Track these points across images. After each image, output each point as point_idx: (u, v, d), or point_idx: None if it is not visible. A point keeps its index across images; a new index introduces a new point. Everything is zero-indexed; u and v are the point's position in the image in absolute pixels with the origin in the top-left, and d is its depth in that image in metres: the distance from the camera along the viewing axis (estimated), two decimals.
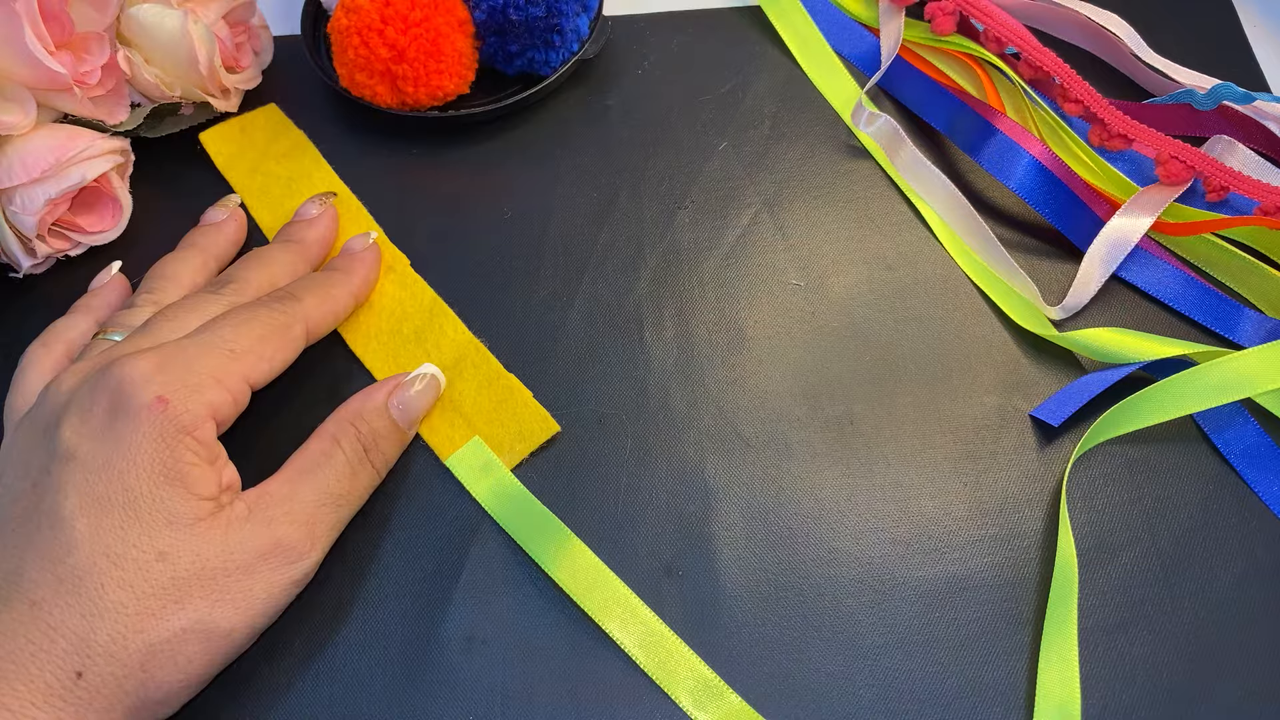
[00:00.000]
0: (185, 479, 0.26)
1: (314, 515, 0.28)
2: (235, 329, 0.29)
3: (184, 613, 0.25)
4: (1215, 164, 0.37)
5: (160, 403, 0.26)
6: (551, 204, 0.38)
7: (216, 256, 0.34)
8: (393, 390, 0.31)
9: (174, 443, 0.26)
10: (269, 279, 0.32)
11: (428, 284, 0.36)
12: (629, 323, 0.35)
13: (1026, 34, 0.40)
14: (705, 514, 0.32)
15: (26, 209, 0.33)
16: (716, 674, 0.29)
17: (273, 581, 0.27)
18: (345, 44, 0.36)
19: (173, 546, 0.25)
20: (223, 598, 0.26)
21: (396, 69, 0.36)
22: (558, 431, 0.33)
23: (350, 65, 0.37)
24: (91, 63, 0.33)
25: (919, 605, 0.30)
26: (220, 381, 0.28)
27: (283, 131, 0.39)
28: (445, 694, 0.29)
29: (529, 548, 0.31)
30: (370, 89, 0.37)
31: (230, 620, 0.26)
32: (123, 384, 0.26)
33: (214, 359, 0.28)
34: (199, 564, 0.25)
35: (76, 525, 0.25)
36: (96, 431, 0.26)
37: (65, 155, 0.33)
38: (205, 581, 0.25)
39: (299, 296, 0.31)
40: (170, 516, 0.25)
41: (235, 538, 0.26)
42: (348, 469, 0.29)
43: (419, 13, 0.36)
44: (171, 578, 0.25)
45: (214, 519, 0.26)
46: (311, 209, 0.35)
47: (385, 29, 0.35)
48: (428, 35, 0.36)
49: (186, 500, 0.26)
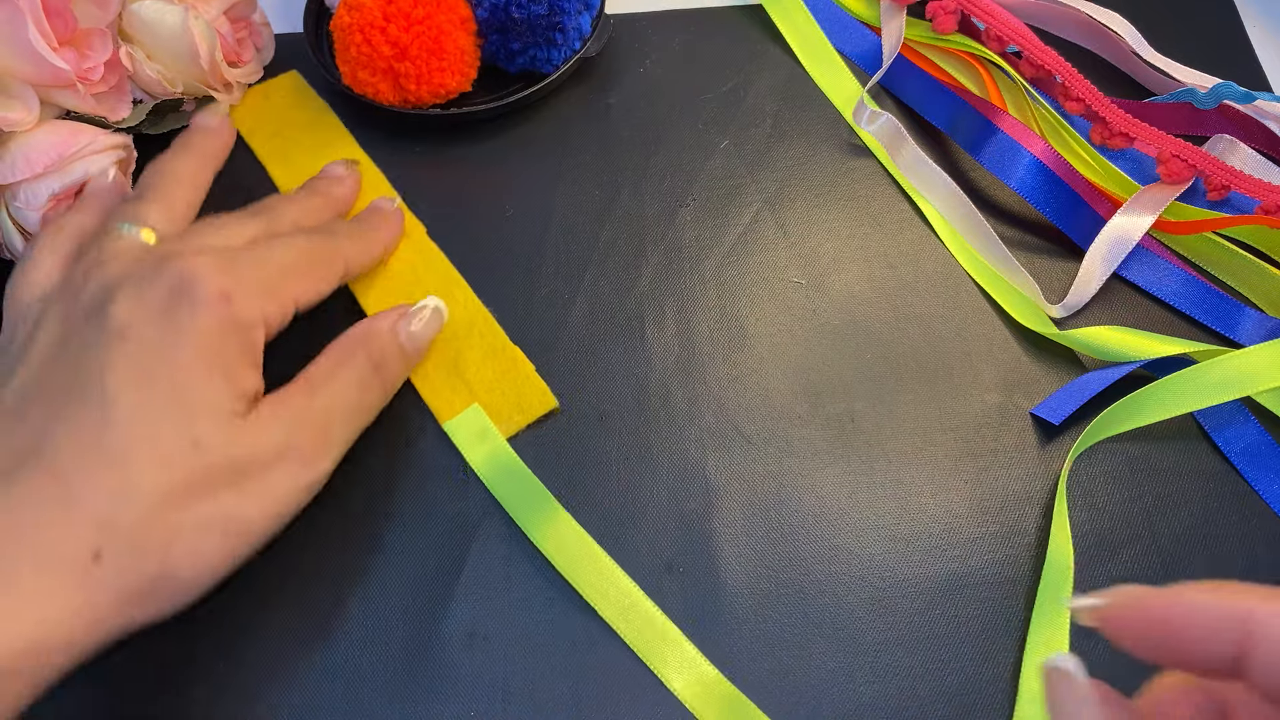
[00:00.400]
0: (232, 374, 0.26)
1: (327, 423, 0.28)
2: (286, 249, 0.30)
3: (210, 503, 0.25)
4: (1216, 163, 0.37)
5: (224, 297, 0.27)
6: (553, 202, 0.38)
7: (213, 156, 0.34)
8: (399, 318, 0.31)
9: (230, 337, 0.27)
10: (300, 215, 0.33)
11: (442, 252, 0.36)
12: (630, 320, 0.36)
13: (1028, 32, 0.40)
14: (706, 511, 0.32)
15: (30, 204, 0.33)
16: (701, 652, 0.29)
17: (290, 483, 0.27)
18: (348, 41, 0.36)
19: (207, 436, 0.25)
20: (247, 492, 0.26)
21: (399, 66, 0.36)
22: (555, 407, 0.33)
23: (353, 63, 0.37)
24: (94, 59, 0.33)
25: (919, 602, 0.30)
26: (275, 294, 0.28)
27: (305, 99, 0.40)
28: (447, 690, 0.29)
29: (517, 516, 0.31)
30: (373, 86, 0.37)
31: (250, 515, 0.26)
32: (186, 275, 0.27)
33: (270, 271, 0.29)
34: (228, 457, 0.26)
35: (120, 401, 0.25)
36: (154, 314, 0.26)
37: (68, 151, 0.33)
38: (232, 475, 0.26)
39: (338, 234, 0.32)
40: (211, 407, 0.26)
41: (262, 436, 0.26)
42: (358, 383, 0.29)
43: (421, 10, 0.36)
44: (203, 466, 0.25)
45: (246, 416, 0.26)
46: (338, 169, 0.36)
47: (388, 26, 0.36)
48: (430, 33, 0.36)
49: (228, 394, 0.26)
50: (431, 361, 0.34)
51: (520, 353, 0.34)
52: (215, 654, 0.29)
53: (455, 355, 0.34)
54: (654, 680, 0.29)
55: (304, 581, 0.31)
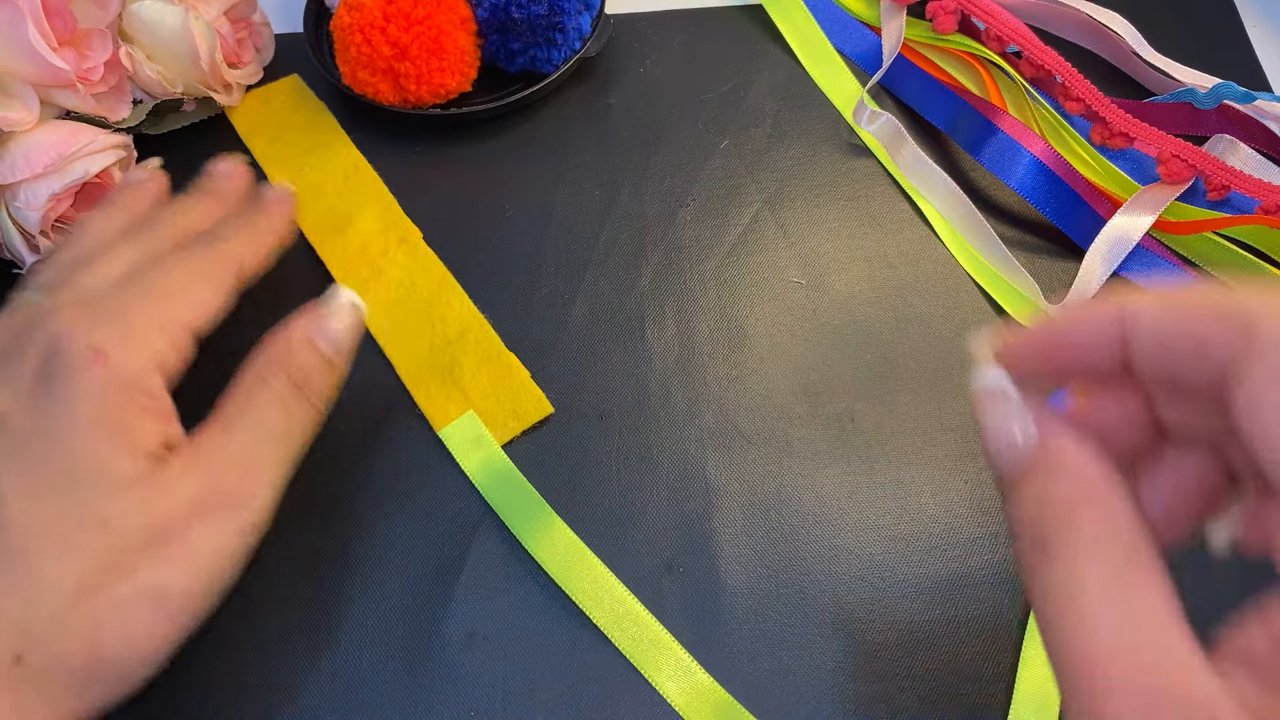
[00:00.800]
0: (129, 436, 0.24)
1: (251, 458, 0.25)
2: (166, 274, 0.27)
3: (131, 581, 0.23)
4: (1216, 163, 0.37)
5: (98, 356, 0.24)
6: (553, 202, 0.38)
7: (138, 212, 0.31)
8: (314, 322, 0.28)
9: (118, 396, 0.24)
10: (186, 224, 0.30)
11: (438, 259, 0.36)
12: (630, 320, 0.36)
13: (1028, 32, 0.40)
14: (706, 511, 0.32)
15: (30, 204, 0.33)
16: (693, 657, 0.29)
17: (218, 534, 0.24)
18: (348, 41, 0.36)
19: (115, 512, 0.23)
20: (170, 559, 0.23)
21: (399, 66, 0.36)
22: (551, 413, 0.33)
23: (353, 63, 0.37)
24: (94, 59, 0.33)
25: (919, 602, 0.30)
26: (161, 328, 0.25)
27: (303, 102, 0.40)
28: (447, 690, 0.29)
29: (511, 524, 0.31)
30: (373, 86, 0.37)
31: (180, 582, 0.24)
32: (53, 341, 0.24)
33: (148, 305, 0.26)
34: (142, 527, 0.23)
35: (8, 504, 0.23)
36: (30, 396, 0.24)
37: (68, 151, 0.33)
38: (149, 545, 0.23)
39: (224, 237, 0.29)
40: (113, 480, 0.24)
41: (176, 494, 0.24)
42: (280, 407, 0.26)
43: (421, 10, 0.36)
44: (117, 546, 0.23)
45: (154, 477, 0.24)
46: (225, 165, 0.33)
47: (388, 26, 0.36)
48: (430, 33, 0.36)
49: (127, 460, 0.24)
50: (426, 368, 0.34)
51: (515, 359, 0.34)
52: (215, 654, 0.29)
53: (450, 362, 0.34)
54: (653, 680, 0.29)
55: (304, 582, 0.31)
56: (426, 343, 0.34)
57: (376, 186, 0.38)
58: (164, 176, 0.33)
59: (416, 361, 0.34)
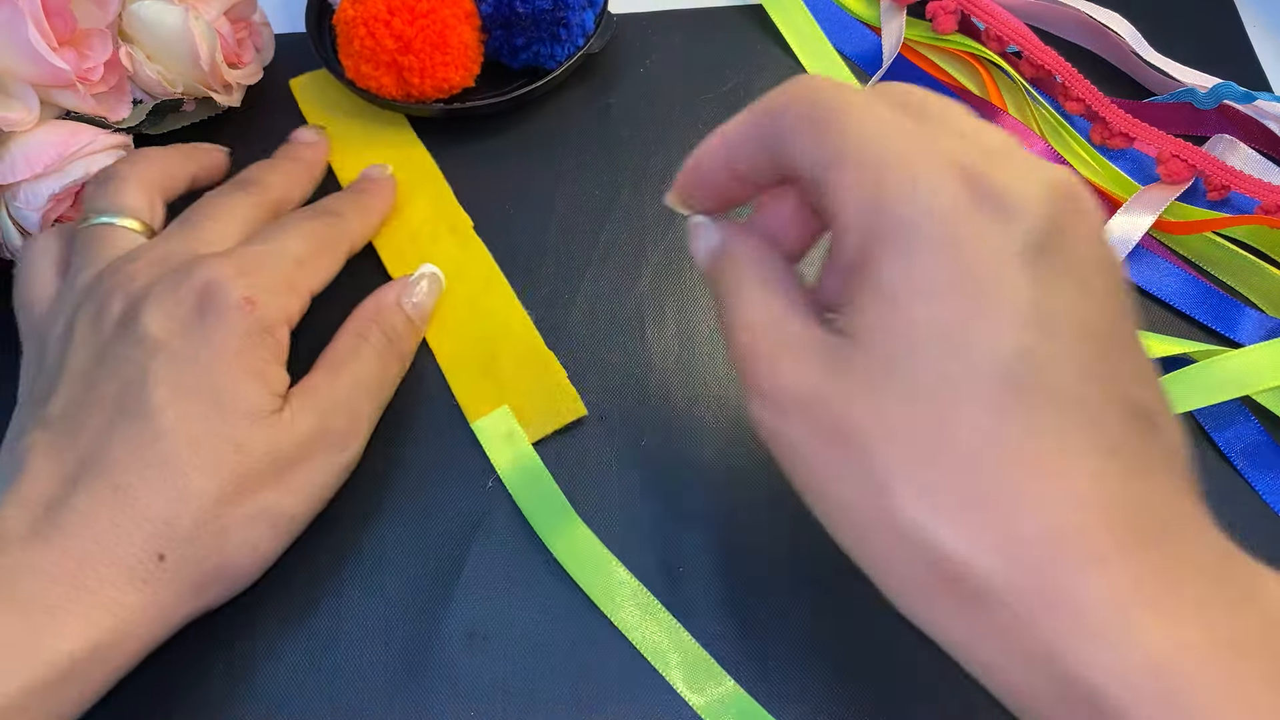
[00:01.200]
0: (263, 375, 0.28)
1: (354, 403, 0.29)
2: (296, 239, 0.31)
3: (256, 500, 0.27)
4: (1216, 163, 0.37)
5: (249, 303, 0.28)
6: (553, 201, 0.38)
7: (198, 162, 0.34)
8: (402, 291, 0.33)
9: (259, 341, 0.28)
10: (284, 183, 0.34)
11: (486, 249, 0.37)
12: (631, 320, 0.36)
13: (1028, 32, 0.40)
14: (706, 511, 0.32)
15: (30, 204, 0.33)
16: (712, 658, 0.29)
17: (327, 468, 0.29)
18: (351, 35, 0.36)
19: (248, 439, 0.27)
20: (289, 486, 0.28)
21: (403, 60, 0.36)
22: (584, 415, 0.33)
23: (356, 56, 0.37)
24: (94, 59, 0.33)
25: None
26: (293, 288, 0.29)
27: None
28: (447, 690, 0.29)
29: (534, 521, 0.31)
30: (376, 80, 0.37)
31: (294, 506, 0.28)
32: (211, 284, 0.28)
33: (286, 266, 0.30)
34: (270, 456, 0.27)
35: (166, 414, 0.26)
36: (185, 326, 0.27)
37: (68, 151, 0.33)
38: (274, 472, 0.27)
39: (342, 213, 0.33)
40: (248, 411, 0.27)
41: (297, 431, 0.28)
42: (377, 359, 0.31)
43: (426, 4, 0.36)
44: (247, 468, 0.27)
45: (280, 414, 0.28)
46: (308, 134, 0.37)
47: (392, 20, 0.36)
48: (434, 27, 0.36)
49: (263, 396, 0.27)
50: (466, 359, 0.34)
51: (554, 357, 0.34)
52: (214, 654, 0.29)
53: (490, 356, 0.34)
54: (654, 680, 0.29)
55: (304, 581, 0.31)
56: (470, 334, 0.35)
57: (433, 174, 0.38)
58: (225, 155, 0.36)
59: (458, 352, 0.34)
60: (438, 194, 0.38)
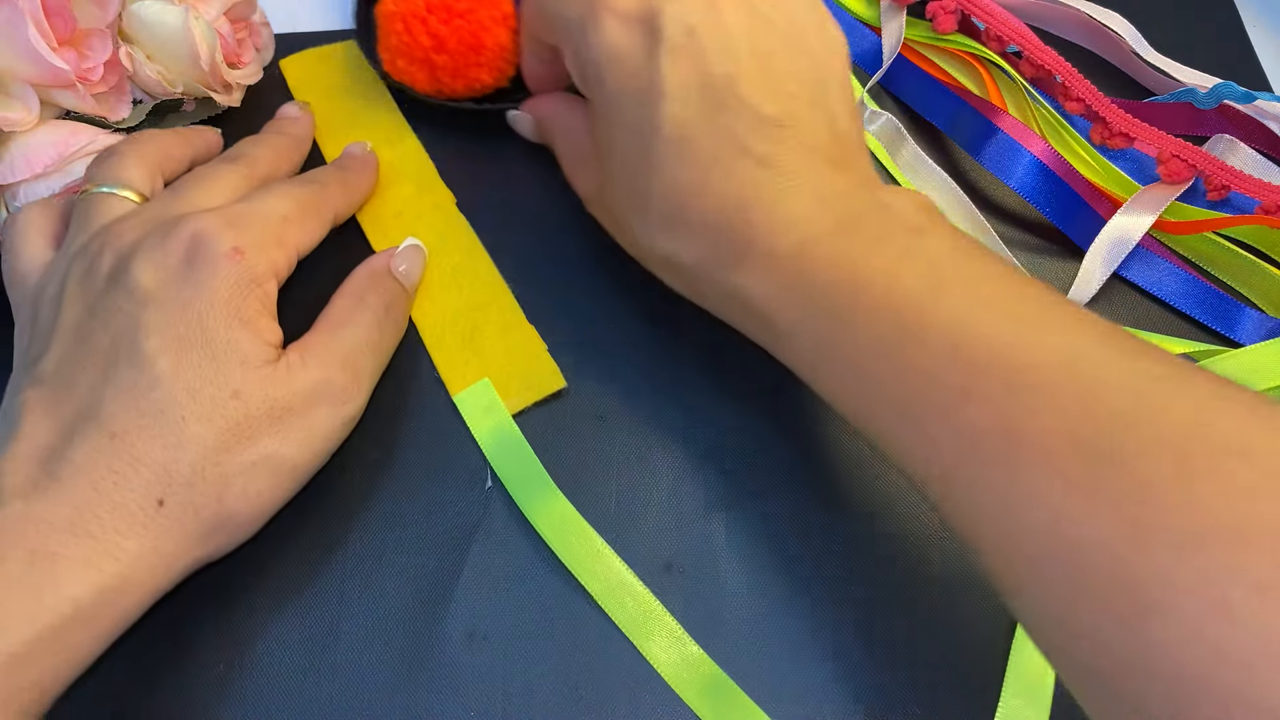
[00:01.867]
0: (255, 325, 0.28)
1: (354, 359, 0.30)
2: (281, 199, 0.31)
3: (256, 447, 0.27)
4: (1216, 163, 0.37)
5: (237, 253, 0.28)
6: (553, 200, 0.38)
7: (195, 145, 0.35)
8: (391, 257, 0.33)
9: (248, 290, 0.28)
10: (272, 158, 0.34)
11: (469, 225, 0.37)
12: (630, 320, 0.35)
13: (1028, 32, 0.40)
14: (706, 510, 0.32)
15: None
16: (686, 631, 0.30)
17: (328, 420, 0.29)
18: (389, 29, 0.37)
19: (245, 385, 0.27)
20: (288, 434, 0.28)
21: (436, 59, 0.36)
22: (564, 386, 0.34)
23: (393, 51, 0.37)
24: (94, 59, 0.33)
25: (921, 602, 0.30)
26: (280, 244, 0.30)
27: (357, 67, 0.41)
28: (447, 690, 0.29)
29: (514, 492, 0.31)
30: (410, 75, 0.37)
31: (295, 455, 0.28)
32: (199, 235, 0.28)
33: (272, 223, 0.30)
34: (267, 403, 0.27)
35: (159, 362, 0.26)
36: (175, 275, 0.27)
37: (68, 151, 0.33)
38: (273, 420, 0.27)
39: (324, 182, 0.34)
40: (243, 358, 0.27)
41: (296, 380, 0.28)
42: (375, 320, 0.31)
43: (463, 4, 0.36)
44: (245, 414, 0.27)
45: (276, 364, 0.28)
46: (293, 109, 0.38)
47: (429, 18, 0.36)
48: (470, 28, 0.36)
49: (256, 344, 0.28)
50: (449, 332, 0.34)
51: (534, 330, 0.35)
52: (214, 654, 0.29)
53: (472, 328, 0.35)
54: (654, 680, 0.29)
55: (304, 581, 0.31)
56: (451, 307, 0.35)
57: (418, 154, 0.39)
58: (219, 136, 0.37)
59: (440, 325, 0.35)
60: (422, 173, 0.38)
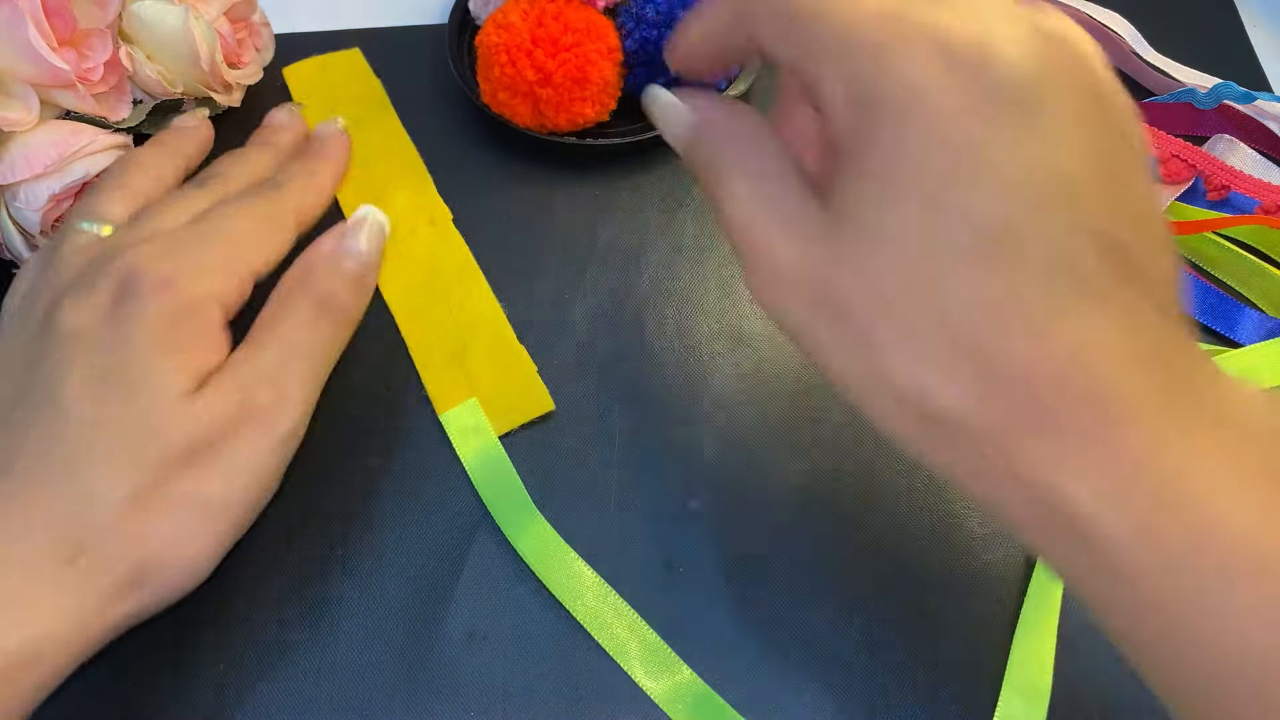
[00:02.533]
0: (186, 355, 0.26)
1: (281, 374, 0.27)
2: (230, 220, 0.29)
3: (174, 487, 0.25)
4: (1216, 163, 0.37)
5: (166, 284, 0.26)
6: (553, 201, 0.38)
7: (186, 155, 0.34)
8: (339, 239, 0.30)
9: (178, 321, 0.26)
10: (249, 174, 0.32)
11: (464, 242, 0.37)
12: (630, 320, 0.36)
13: None
14: (706, 511, 0.32)
15: (30, 204, 0.33)
16: (670, 647, 0.29)
17: (253, 446, 0.26)
18: (492, 60, 0.36)
19: (160, 423, 0.25)
20: (209, 471, 0.25)
21: (541, 93, 0.36)
22: (551, 410, 0.33)
23: (495, 82, 0.37)
24: (94, 59, 0.33)
25: (919, 603, 0.30)
26: (224, 268, 0.28)
27: (360, 77, 0.41)
28: (446, 690, 0.29)
29: (496, 515, 0.31)
30: (511, 108, 0.37)
31: (221, 492, 0.26)
32: (128, 269, 0.26)
33: (217, 247, 0.28)
34: (183, 439, 0.25)
35: (74, 406, 0.25)
36: (102, 314, 0.26)
37: (68, 151, 0.33)
38: (190, 456, 0.25)
39: (283, 185, 0.31)
40: (166, 394, 0.25)
41: (213, 408, 0.26)
42: (304, 321, 0.28)
43: (570, 37, 0.35)
44: (160, 455, 0.25)
45: (199, 394, 0.26)
46: (281, 115, 0.35)
47: (534, 51, 0.35)
48: (575, 61, 0.35)
49: (178, 375, 0.26)
50: (438, 351, 0.34)
51: (524, 352, 0.34)
52: (214, 654, 0.29)
53: (462, 348, 0.34)
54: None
55: (304, 581, 0.31)
56: (442, 326, 0.35)
57: (415, 165, 0.39)
58: (209, 125, 0.35)
59: (429, 343, 0.34)
60: (419, 185, 0.38)
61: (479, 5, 0.40)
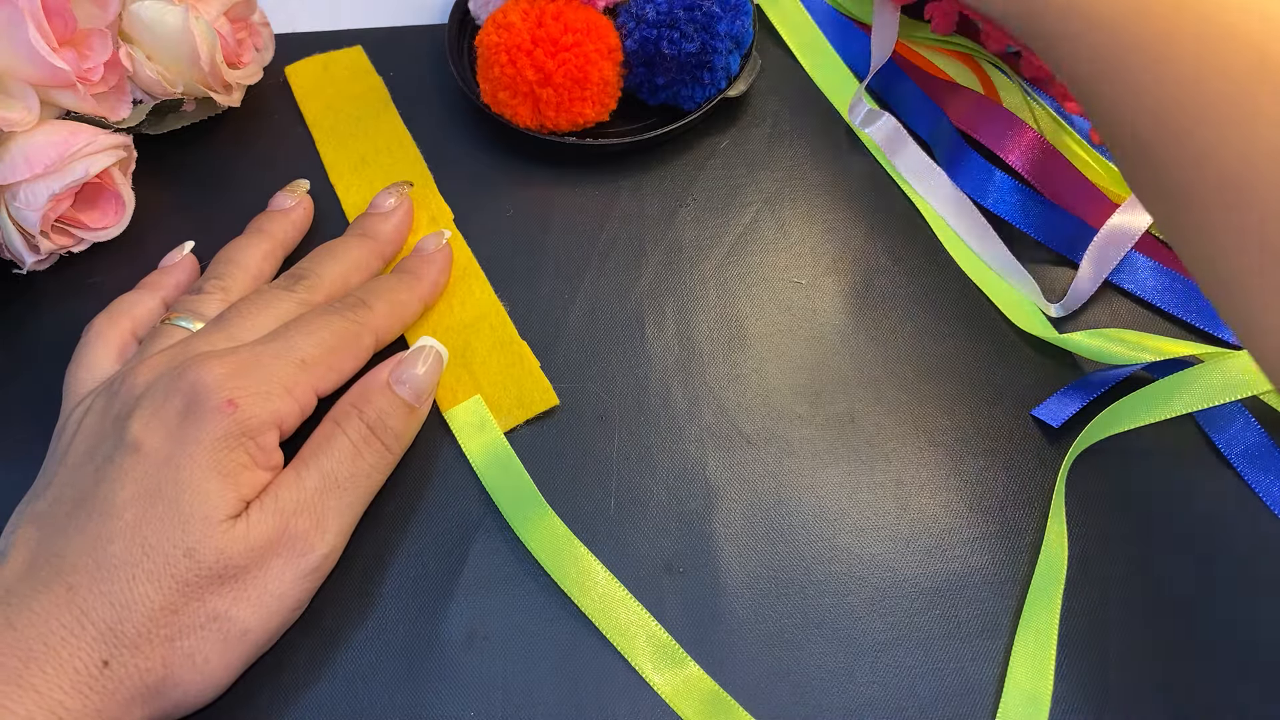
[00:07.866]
0: (235, 478, 0.27)
1: (319, 501, 0.28)
2: (308, 337, 0.29)
3: (202, 609, 0.26)
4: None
5: (230, 405, 0.27)
6: (553, 201, 0.38)
7: (283, 243, 0.35)
8: (395, 367, 0.30)
9: (235, 444, 0.27)
10: (342, 275, 0.33)
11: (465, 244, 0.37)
12: (630, 320, 0.36)
13: None
14: (706, 511, 0.32)
15: (30, 205, 0.33)
16: (676, 642, 0.29)
17: (285, 575, 0.27)
18: (492, 60, 0.36)
19: (201, 543, 0.26)
20: (240, 595, 0.26)
21: (541, 93, 0.36)
22: (556, 404, 0.33)
23: (495, 82, 0.37)
24: (94, 59, 0.33)
25: (919, 602, 0.30)
26: (290, 391, 0.28)
27: (362, 75, 0.41)
28: (447, 690, 0.29)
29: (505, 510, 0.31)
30: (511, 108, 0.37)
31: (247, 617, 0.26)
32: (197, 386, 0.27)
33: (286, 368, 0.29)
34: (221, 562, 0.26)
35: (124, 515, 0.26)
36: (167, 428, 0.27)
37: (68, 151, 0.33)
38: (224, 579, 0.26)
39: (370, 304, 0.32)
40: (207, 513, 0.26)
41: (252, 534, 0.26)
42: (350, 451, 0.29)
43: (570, 37, 0.35)
44: (196, 574, 0.26)
45: (241, 518, 0.27)
46: (388, 200, 0.36)
47: (534, 51, 0.35)
48: (576, 62, 0.35)
49: (224, 499, 0.26)
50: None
51: (527, 348, 0.34)
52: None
53: (464, 345, 0.34)
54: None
55: None
56: (444, 324, 0.35)
57: (417, 164, 0.39)
58: (309, 202, 0.37)
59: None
60: (421, 185, 0.38)
61: (479, 5, 0.40)
